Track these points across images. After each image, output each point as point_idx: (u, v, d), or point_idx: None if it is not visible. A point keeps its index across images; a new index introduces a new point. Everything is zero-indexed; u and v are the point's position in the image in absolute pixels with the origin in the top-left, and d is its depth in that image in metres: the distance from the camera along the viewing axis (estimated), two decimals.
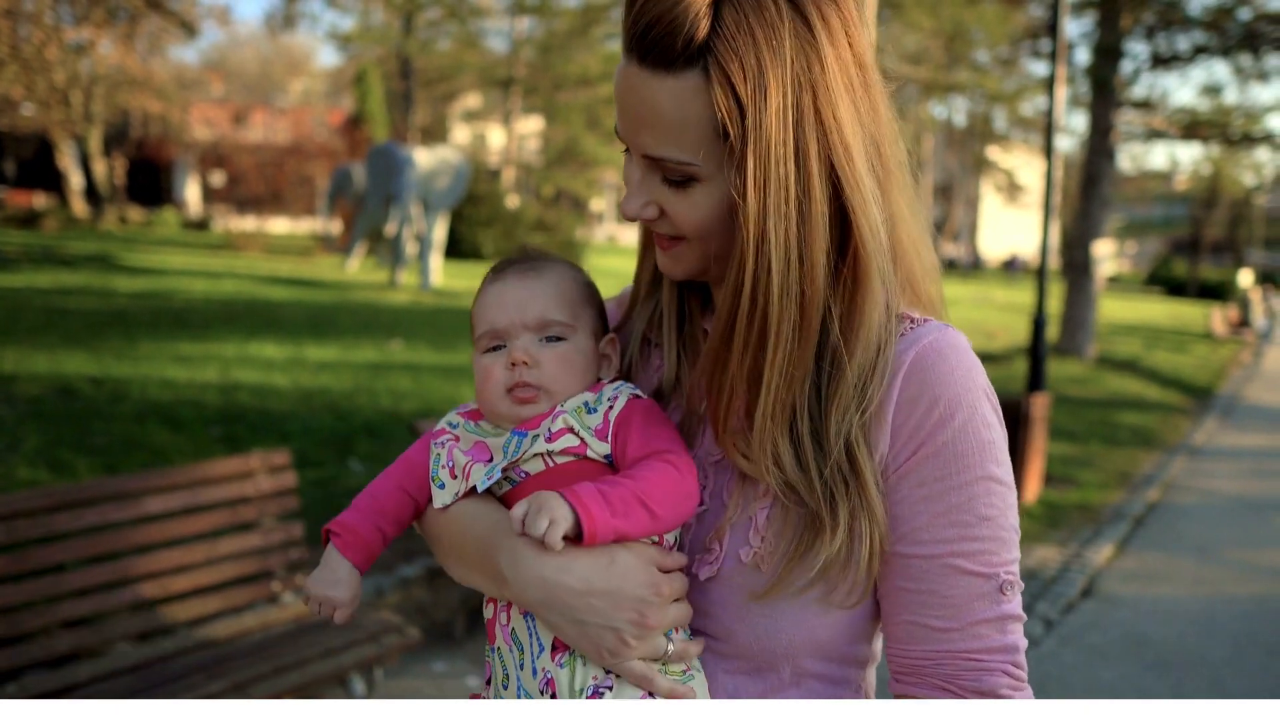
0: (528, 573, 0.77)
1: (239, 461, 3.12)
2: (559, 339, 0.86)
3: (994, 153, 36.56)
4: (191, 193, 35.58)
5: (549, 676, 0.80)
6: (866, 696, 0.87)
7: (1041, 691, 3.69)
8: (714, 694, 0.82)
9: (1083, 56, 14.54)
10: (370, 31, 28.79)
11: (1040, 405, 6.07)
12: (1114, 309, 26.25)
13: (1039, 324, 7.01)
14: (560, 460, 0.82)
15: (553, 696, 0.80)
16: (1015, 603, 0.78)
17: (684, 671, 0.80)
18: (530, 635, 0.82)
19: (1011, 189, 37.59)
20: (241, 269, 16.05)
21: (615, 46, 28.84)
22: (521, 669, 0.82)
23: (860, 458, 0.77)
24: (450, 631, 3.87)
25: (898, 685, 0.81)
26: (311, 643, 2.79)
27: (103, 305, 10.30)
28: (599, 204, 43.06)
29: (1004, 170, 36.97)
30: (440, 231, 15.68)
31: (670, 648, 0.79)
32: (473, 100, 35.21)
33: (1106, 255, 13.32)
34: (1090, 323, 13.28)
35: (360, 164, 18.26)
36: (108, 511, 2.73)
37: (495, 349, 0.87)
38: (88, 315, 9.46)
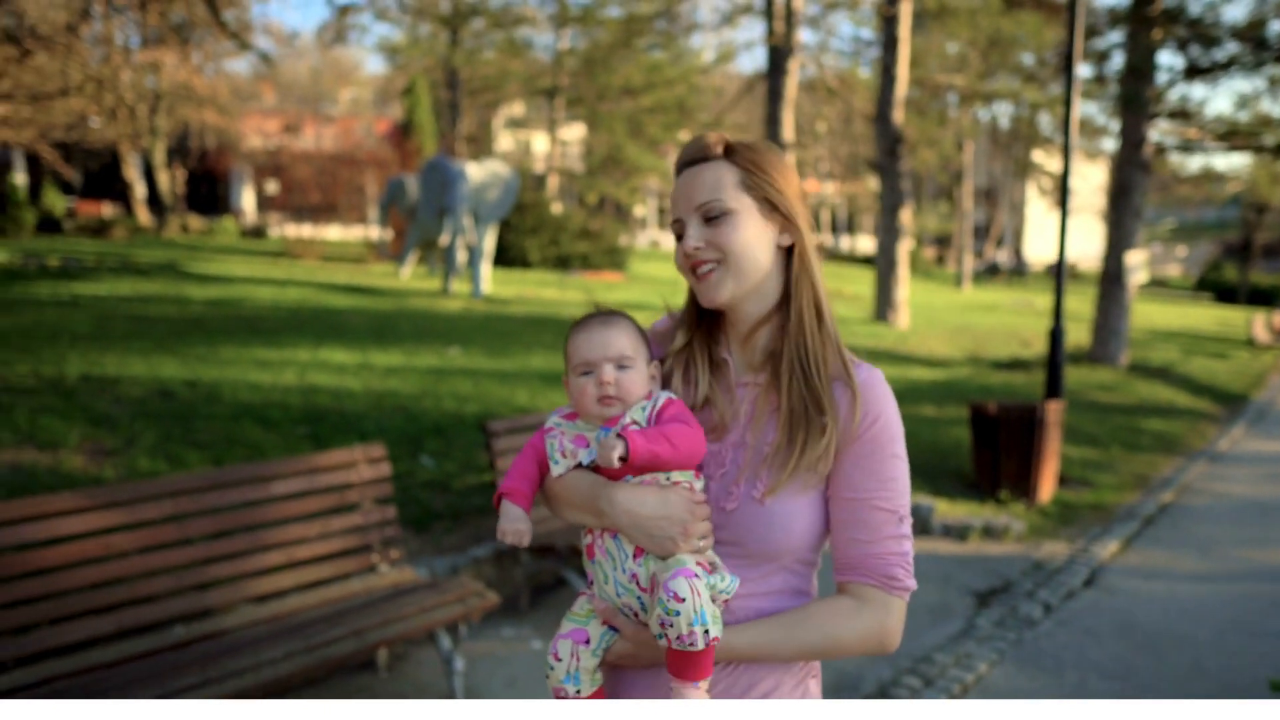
0: (619, 508, 1.32)
1: (344, 453, 3.73)
2: (627, 367, 1.39)
3: (1039, 156, 36.48)
4: (248, 201, 36.90)
5: (633, 572, 1.33)
6: (812, 585, 1.41)
7: (1035, 665, 4.17)
8: None
9: (1116, 64, 14.76)
10: (418, 43, 29.84)
11: (1054, 411, 6.51)
12: (1158, 315, 26.16)
13: (1056, 335, 7.43)
14: None
15: (638, 585, 1.32)
16: (908, 529, 1.33)
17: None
18: (619, 548, 1.35)
19: (1057, 192, 37.41)
20: (301, 276, 16.89)
21: (657, 57, 29.46)
22: (616, 570, 1.35)
23: (829, 400, 1.33)
24: (516, 604, 4.45)
25: (838, 576, 1.36)
26: (409, 603, 3.38)
27: (181, 313, 11.11)
28: (641, 210, 43.63)
29: (1049, 174, 36.86)
30: (490, 241, 16.35)
31: (700, 544, 1.32)
32: (517, 108, 36.08)
33: (1139, 264, 13.52)
34: (1123, 330, 13.52)
35: (412, 175, 19.03)
36: (246, 492, 3.36)
37: (586, 373, 1.40)
38: (170, 322, 10.25)
